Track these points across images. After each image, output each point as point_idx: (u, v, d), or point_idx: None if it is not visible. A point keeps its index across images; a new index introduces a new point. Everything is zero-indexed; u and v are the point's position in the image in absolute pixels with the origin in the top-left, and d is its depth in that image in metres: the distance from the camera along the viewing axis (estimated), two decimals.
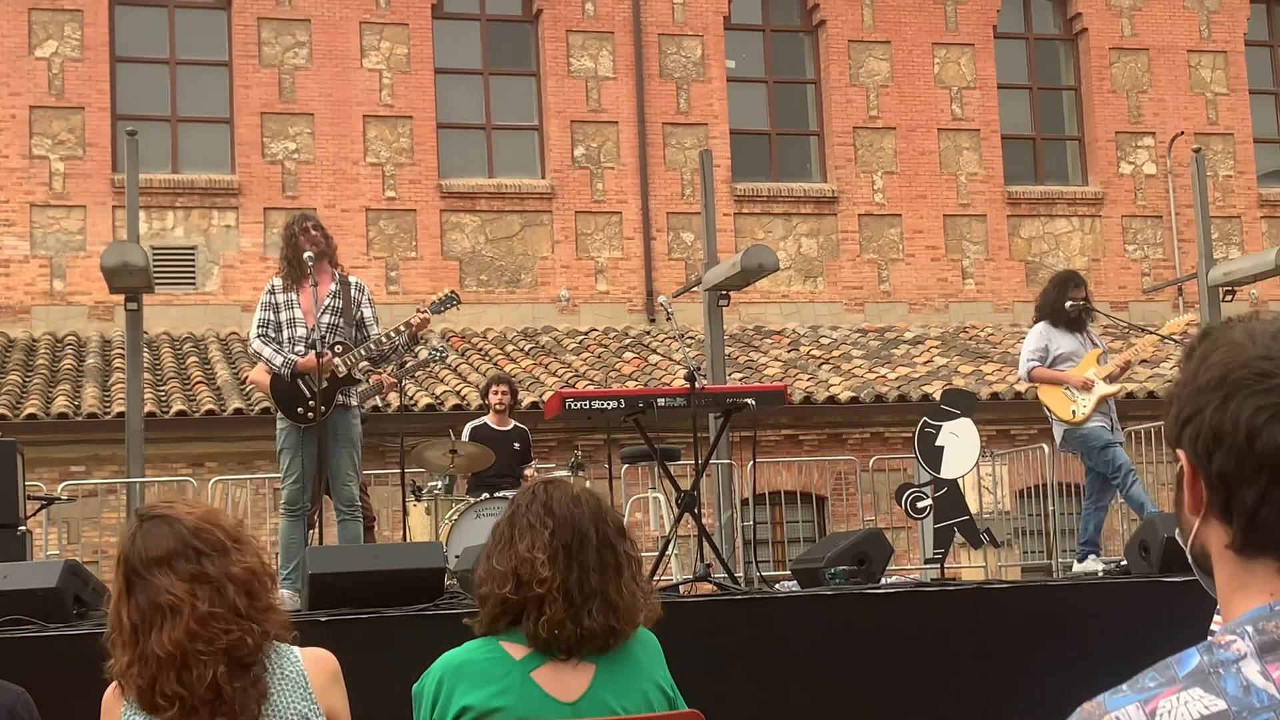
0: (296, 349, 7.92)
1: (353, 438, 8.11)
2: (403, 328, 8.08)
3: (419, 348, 11.27)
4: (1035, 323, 9.36)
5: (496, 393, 11.36)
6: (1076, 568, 9.00)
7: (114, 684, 3.07)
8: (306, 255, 7.90)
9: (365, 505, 10.59)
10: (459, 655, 3.09)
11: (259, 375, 8.52)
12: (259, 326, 8.04)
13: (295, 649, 3.09)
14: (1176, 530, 1.47)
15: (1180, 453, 1.41)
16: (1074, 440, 9.17)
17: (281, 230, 8.36)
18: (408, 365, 12.26)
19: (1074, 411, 9.01)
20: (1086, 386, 8.97)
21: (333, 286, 8.07)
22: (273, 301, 8.05)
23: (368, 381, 10.37)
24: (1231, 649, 1.31)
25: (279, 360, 7.90)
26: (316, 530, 8.54)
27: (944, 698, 6.14)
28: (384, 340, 8.04)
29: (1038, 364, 9.18)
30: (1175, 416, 1.42)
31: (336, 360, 7.90)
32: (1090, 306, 9.30)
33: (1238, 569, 1.38)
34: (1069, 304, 9.14)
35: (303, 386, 7.87)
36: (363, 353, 8.00)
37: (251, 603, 3.03)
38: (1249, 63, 23.28)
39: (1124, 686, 1.32)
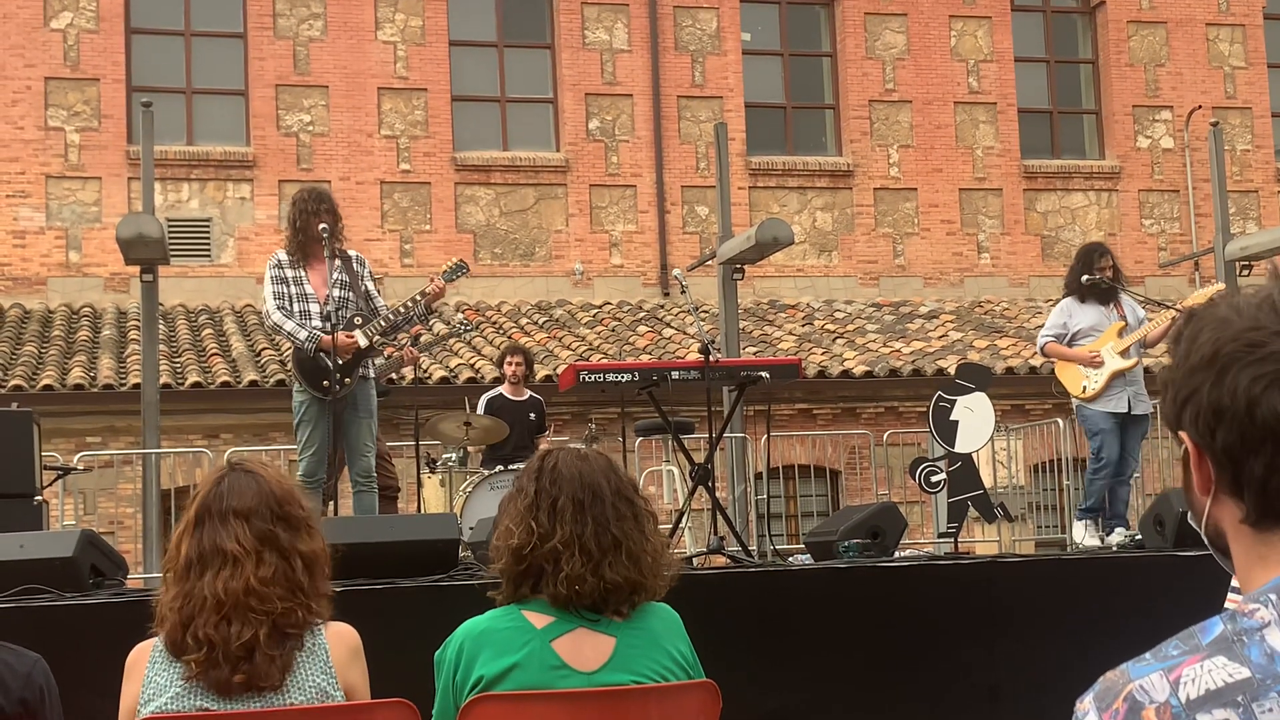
0: (314, 324, 7.92)
1: (371, 408, 8.14)
2: (419, 297, 8.09)
3: (433, 320, 11.28)
4: (1063, 298, 9.40)
5: (512, 363, 11.39)
6: (1108, 539, 8.99)
7: (140, 644, 3.10)
8: (321, 227, 7.89)
9: (391, 475, 10.63)
10: (481, 623, 3.11)
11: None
12: (276, 299, 8.00)
13: (320, 623, 3.12)
14: (1190, 514, 1.46)
15: (1183, 435, 1.41)
16: (1081, 415, 9.29)
17: (292, 204, 8.31)
18: (422, 340, 12.27)
19: (1084, 387, 9.08)
20: (1095, 364, 9.00)
21: (336, 261, 8.08)
22: (282, 275, 8.02)
23: (386, 358, 10.40)
24: (1255, 617, 1.31)
25: (303, 335, 7.88)
26: (332, 503, 8.56)
27: (957, 671, 6.15)
28: (400, 310, 8.07)
29: (1052, 340, 9.26)
30: (1173, 400, 1.42)
31: (358, 334, 7.92)
32: (1117, 278, 9.27)
33: (1255, 542, 1.38)
34: (1084, 278, 9.14)
35: (326, 360, 7.88)
36: (381, 323, 8.02)
37: (311, 582, 3.07)
38: (1267, 36, 23.14)
39: (1147, 655, 1.32)
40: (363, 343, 7.95)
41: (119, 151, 19.42)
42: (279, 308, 7.98)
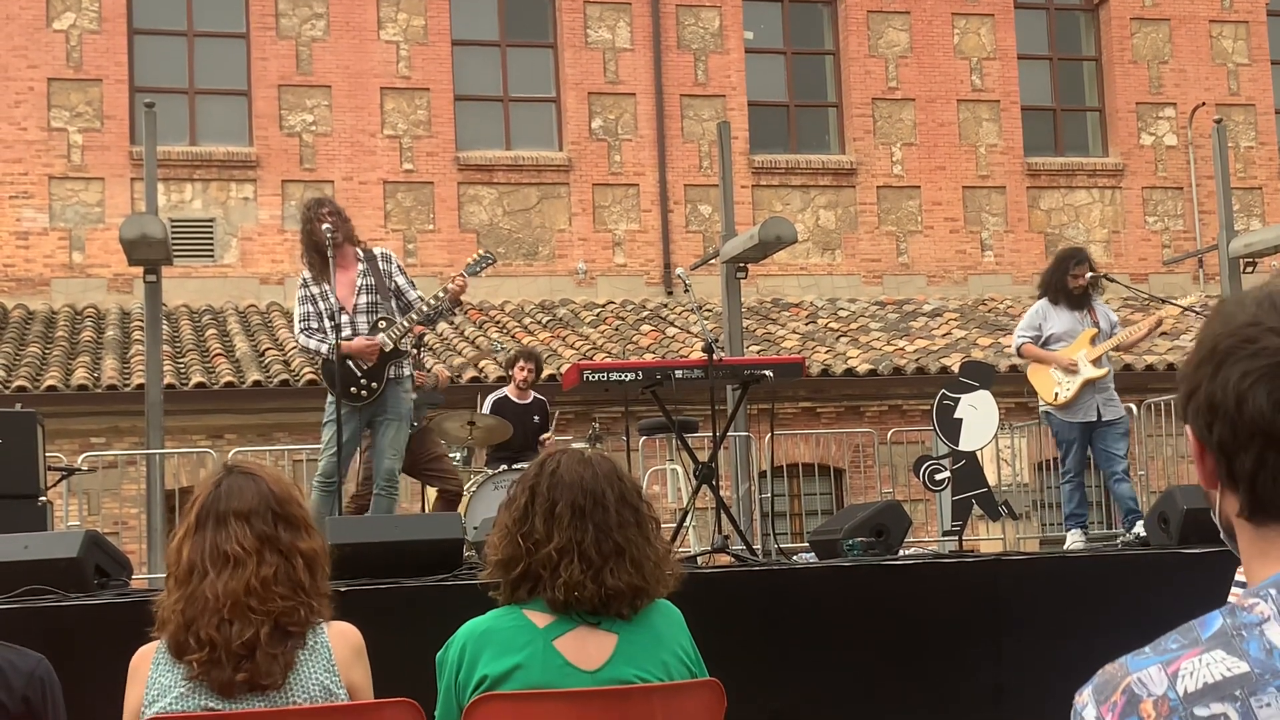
0: (344, 333, 7.94)
1: (401, 412, 8.11)
2: (441, 294, 8.08)
3: (457, 314, 11.21)
4: (1037, 299, 9.41)
5: (523, 369, 11.36)
6: (1132, 531, 8.96)
7: (143, 647, 3.10)
8: (326, 228, 7.89)
9: (450, 473, 10.32)
10: (482, 623, 3.10)
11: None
12: (301, 321, 8.07)
13: (322, 622, 3.12)
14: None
15: (1187, 429, 1.42)
16: (1050, 421, 9.33)
17: (299, 217, 8.35)
18: (425, 340, 12.21)
19: (1056, 394, 9.11)
20: (1072, 370, 9.01)
21: (360, 265, 8.06)
22: (308, 294, 8.06)
23: (419, 388, 10.23)
24: (1255, 612, 1.31)
25: (325, 349, 7.94)
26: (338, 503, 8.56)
27: (961, 669, 6.15)
28: (424, 309, 8.05)
29: (1029, 341, 9.26)
30: (1182, 394, 1.43)
31: (380, 337, 7.92)
32: (1095, 282, 9.28)
33: (1254, 536, 1.38)
34: (1070, 283, 9.17)
35: (352, 366, 7.91)
36: (405, 325, 8.00)
37: (313, 580, 3.08)
38: (1271, 33, 23.11)
39: (1146, 649, 1.33)
40: (387, 345, 7.94)
41: (122, 152, 19.43)
42: (304, 329, 8.05)
